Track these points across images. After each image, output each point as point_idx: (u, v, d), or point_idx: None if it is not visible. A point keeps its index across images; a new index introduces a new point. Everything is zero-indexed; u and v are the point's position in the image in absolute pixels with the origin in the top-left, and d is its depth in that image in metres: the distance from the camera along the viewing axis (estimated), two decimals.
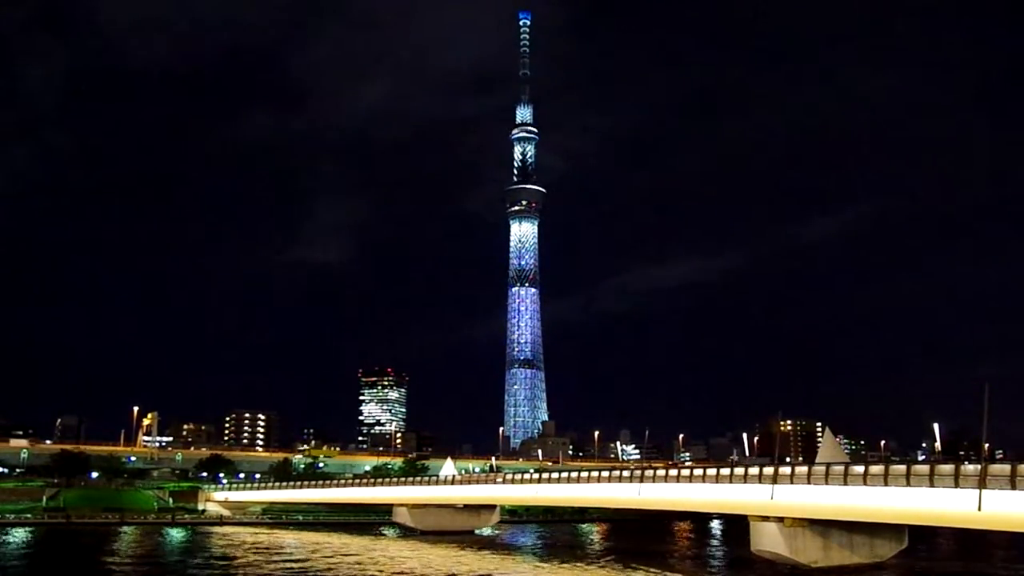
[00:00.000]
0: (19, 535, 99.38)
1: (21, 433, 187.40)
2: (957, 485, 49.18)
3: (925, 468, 52.67)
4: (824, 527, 60.85)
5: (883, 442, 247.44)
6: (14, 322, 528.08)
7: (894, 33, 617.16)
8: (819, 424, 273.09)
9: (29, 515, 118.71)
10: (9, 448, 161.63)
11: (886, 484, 53.57)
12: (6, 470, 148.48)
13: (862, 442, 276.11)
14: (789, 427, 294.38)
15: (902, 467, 54.29)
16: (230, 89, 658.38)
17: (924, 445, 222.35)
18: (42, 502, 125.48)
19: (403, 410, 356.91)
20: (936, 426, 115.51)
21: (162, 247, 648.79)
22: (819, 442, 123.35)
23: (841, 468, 58.45)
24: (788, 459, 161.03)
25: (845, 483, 56.61)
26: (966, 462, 53.04)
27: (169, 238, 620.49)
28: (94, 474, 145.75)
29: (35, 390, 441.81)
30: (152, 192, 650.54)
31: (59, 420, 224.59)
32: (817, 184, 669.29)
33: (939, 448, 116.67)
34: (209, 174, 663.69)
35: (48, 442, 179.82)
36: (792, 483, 60.95)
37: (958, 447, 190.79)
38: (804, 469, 61.76)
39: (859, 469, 56.84)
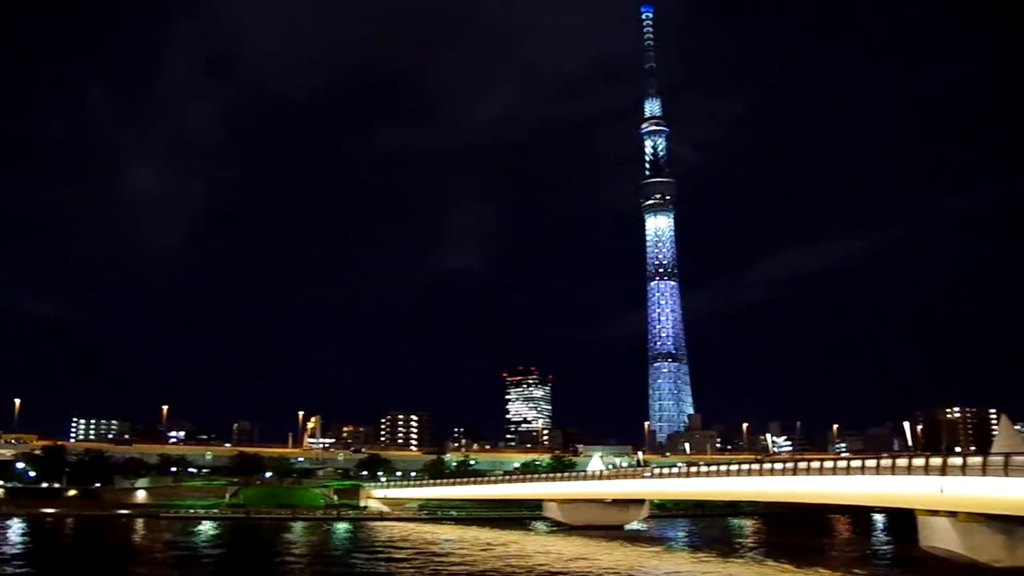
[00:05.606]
0: (209, 528, 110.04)
1: (206, 437, 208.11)
2: None
3: None
4: (1006, 523, 55.66)
5: None
6: (198, 341, 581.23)
7: None
8: (992, 411, 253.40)
9: (216, 510, 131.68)
10: (197, 450, 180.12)
11: None
12: (195, 470, 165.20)
13: None
14: (957, 415, 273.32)
15: None
16: (363, 106, 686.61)
17: None
18: (225, 499, 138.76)
19: (548, 407, 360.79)
20: None
21: (302, 262, 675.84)
22: (993, 431, 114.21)
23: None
24: (958, 449, 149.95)
25: None
26: None
27: (313, 254, 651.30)
28: (267, 473, 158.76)
29: (214, 398, 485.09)
30: (285, 212, 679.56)
31: (235, 425, 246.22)
32: (965, 154, 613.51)
33: None
34: (342, 188, 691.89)
35: (227, 445, 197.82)
36: (964, 475, 56.23)
37: None
38: (978, 459, 56.55)
39: None
